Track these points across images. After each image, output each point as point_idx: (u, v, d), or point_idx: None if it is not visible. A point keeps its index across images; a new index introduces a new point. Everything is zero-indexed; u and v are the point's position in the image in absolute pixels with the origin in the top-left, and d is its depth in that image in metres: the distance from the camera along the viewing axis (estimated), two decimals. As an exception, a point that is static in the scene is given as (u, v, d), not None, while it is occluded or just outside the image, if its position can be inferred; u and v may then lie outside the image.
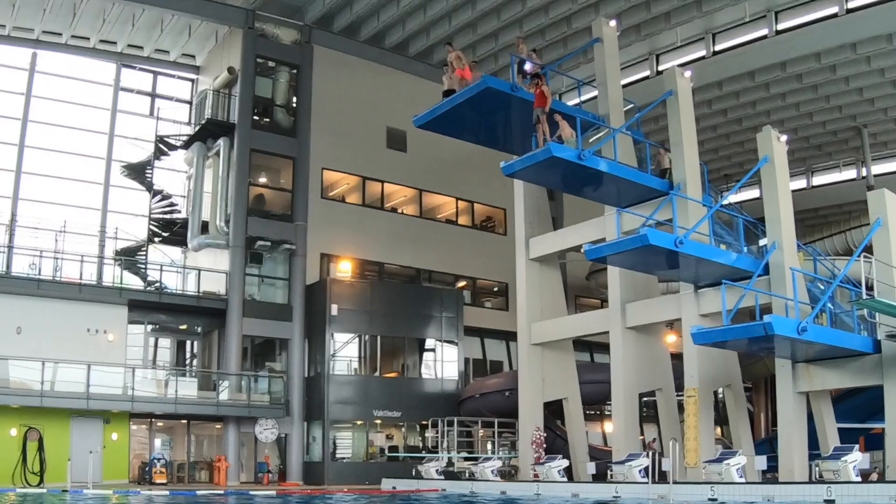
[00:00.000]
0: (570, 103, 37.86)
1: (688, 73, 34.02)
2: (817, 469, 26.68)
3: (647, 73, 49.57)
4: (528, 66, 32.18)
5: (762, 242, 31.26)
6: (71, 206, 46.60)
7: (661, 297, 35.22)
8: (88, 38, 48.42)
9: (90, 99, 49.32)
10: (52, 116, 47.65)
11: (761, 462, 29.05)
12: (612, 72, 34.96)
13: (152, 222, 46.81)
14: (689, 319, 31.00)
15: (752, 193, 54.24)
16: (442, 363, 46.37)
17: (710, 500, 26.22)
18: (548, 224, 39.20)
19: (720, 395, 37.30)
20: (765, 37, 45.11)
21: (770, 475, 30.57)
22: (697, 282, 31.15)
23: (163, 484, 38.34)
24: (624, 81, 38.71)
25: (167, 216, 47.39)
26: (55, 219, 42.70)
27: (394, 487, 37.81)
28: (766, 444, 35.50)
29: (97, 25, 47.18)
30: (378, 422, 44.75)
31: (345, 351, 44.56)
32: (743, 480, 27.80)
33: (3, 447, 36.42)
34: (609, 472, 33.01)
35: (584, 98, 36.88)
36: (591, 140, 31.62)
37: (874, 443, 31.71)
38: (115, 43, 49.11)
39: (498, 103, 30.67)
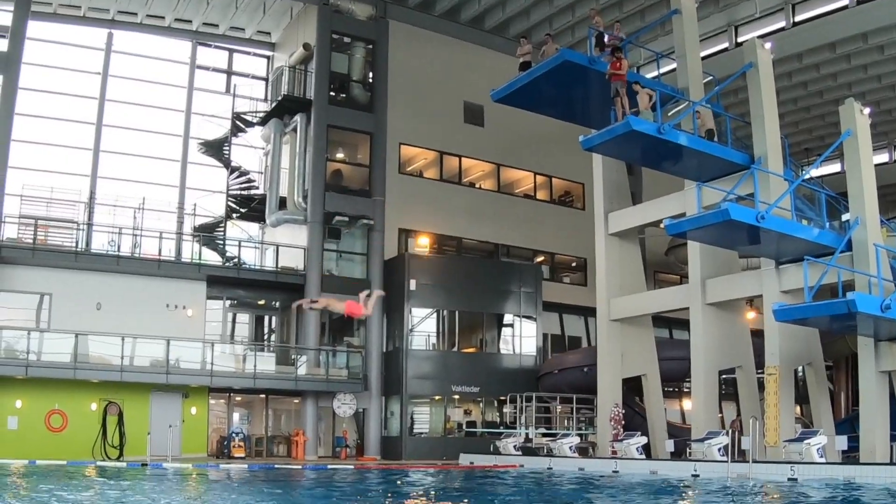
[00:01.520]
0: (649, 76, 37.32)
1: (768, 45, 33.43)
2: (899, 449, 26.30)
3: (725, 45, 48.70)
4: (605, 39, 31.93)
5: (845, 218, 30.78)
6: (149, 183, 46.96)
7: (741, 272, 34.81)
8: (164, 17, 48.75)
9: (166, 77, 49.71)
10: (129, 95, 48.08)
11: (842, 442, 28.62)
12: (690, 44, 34.38)
13: (230, 198, 47.18)
14: (771, 296, 30.61)
15: (834, 168, 53.32)
16: (520, 339, 46.14)
17: (789, 479, 25.87)
18: (627, 199, 38.88)
19: (800, 374, 36.78)
20: (845, 7, 44.04)
21: (851, 455, 30.06)
22: (779, 257, 30.72)
23: (241, 458, 38.73)
24: (703, 54, 38.06)
25: (245, 192, 47.64)
26: (133, 196, 43.22)
27: (471, 463, 37.84)
28: (847, 424, 34.95)
29: (172, 4, 47.53)
30: (456, 397, 44.85)
31: (423, 326, 44.53)
32: (823, 460, 27.43)
33: (83, 421, 37.17)
34: (688, 450, 32.77)
35: (662, 71, 36.32)
36: (670, 113, 31.23)
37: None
38: (191, 21, 49.46)
39: (576, 77, 30.33)
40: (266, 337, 47.82)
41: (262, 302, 46.17)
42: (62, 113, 46.24)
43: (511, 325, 46.54)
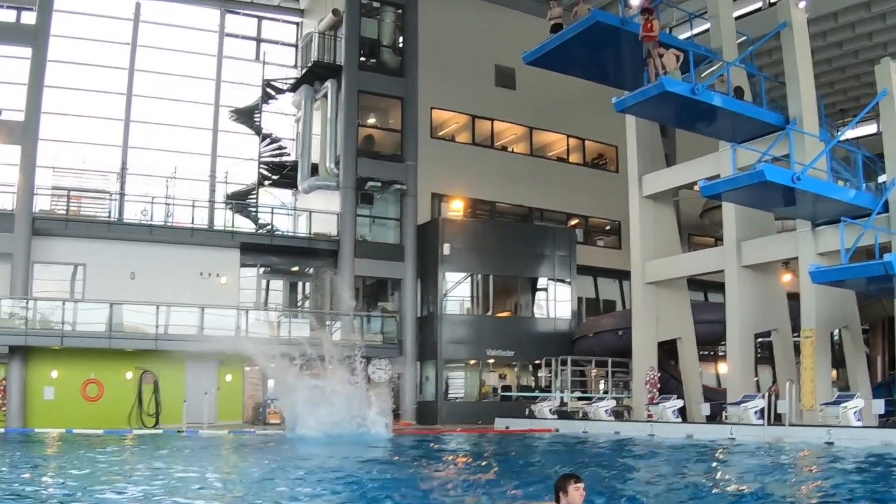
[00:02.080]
0: (682, 37, 36.96)
1: (802, 4, 33.08)
2: (937, 413, 26.09)
3: (759, 4, 48.07)
4: (635, 1, 31.68)
5: (881, 179, 30.43)
6: (180, 152, 46.68)
7: (777, 235, 34.49)
8: (192, -15, 48.51)
9: (195, 46, 49.19)
10: (159, 65, 47.68)
11: (879, 406, 28.41)
12: (724, 4, 33.98)
13: (262, 166, 47.11)
14: (807, 258, 30.37)
15: (870, 129, 52.65)
16: (555, 302, 46.07)
17: (826, 443, 25.71)
18: (661, 161, 38.69)
19: (836, 337, 36.52)
20: (881, -36, 43.50)
21: (888, 419, 29.85)
22: (815, 219, 30.43)
23: (276, 424, 38.79)
24: (736, 14, 37.61)
25: (276, 159, 47.60)
26: (165, 165, 43.28)
27: (507, 427, 37.86)
28: (884, 388, 34.70)
29: (200, -28, 47.26)
30: (491, 361, 44.85)
31: (457, 290, 44.48)
32: (860, 424, 27.23)
33: (119, 390, 37.49)
34: (724, 414, 32.64)
35: (695, 31, 35.95)
36: (703, 74, 30.89)
37: None
38: (219, -11, 49.15)
39: (607, 38, 29.98)
40: (300, 303, 47.88)
41: (295, 268, 46.26)
42: (92, 84, 45.89)
43: (545, 289, 46.45)
